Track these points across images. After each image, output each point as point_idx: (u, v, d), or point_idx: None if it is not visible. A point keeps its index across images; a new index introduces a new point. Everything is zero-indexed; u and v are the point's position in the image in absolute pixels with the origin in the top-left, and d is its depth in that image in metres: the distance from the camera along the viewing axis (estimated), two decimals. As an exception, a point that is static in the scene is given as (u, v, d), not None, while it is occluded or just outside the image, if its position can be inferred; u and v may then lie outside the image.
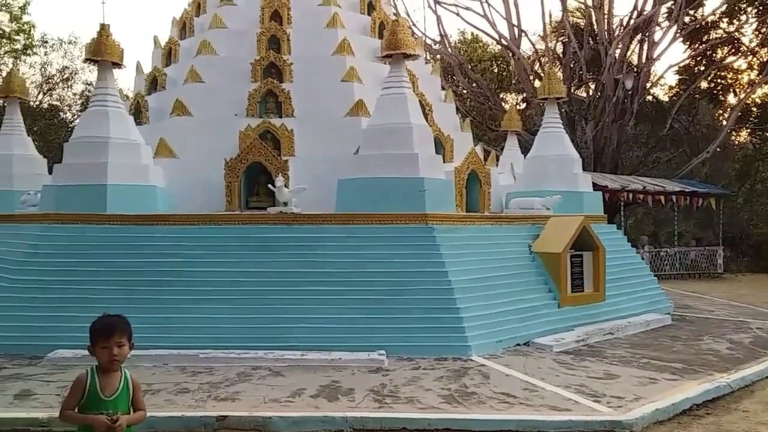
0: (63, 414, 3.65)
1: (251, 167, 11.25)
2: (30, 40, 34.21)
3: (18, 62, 33.59)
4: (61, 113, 35.27)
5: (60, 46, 35.27)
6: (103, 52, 10.29)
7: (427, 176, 9.81)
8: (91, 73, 36.58)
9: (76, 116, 36.39)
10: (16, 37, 33.99)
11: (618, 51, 26.26)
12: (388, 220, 9.57)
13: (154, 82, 14.27)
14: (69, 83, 36.07)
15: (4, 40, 33.51)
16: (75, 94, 36.51)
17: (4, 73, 33.75)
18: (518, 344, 8.96)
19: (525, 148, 16.74)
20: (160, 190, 10.67)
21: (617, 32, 27.09)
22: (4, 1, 33.27)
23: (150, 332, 8.36)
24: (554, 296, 9.94)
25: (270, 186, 10.64)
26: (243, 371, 7.69)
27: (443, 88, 16.51)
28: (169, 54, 14.76)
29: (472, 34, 38.47)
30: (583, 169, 13.62)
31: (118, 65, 10.65)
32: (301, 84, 12.96)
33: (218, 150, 11.91)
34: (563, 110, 23.60)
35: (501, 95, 35.66)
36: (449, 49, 30.67)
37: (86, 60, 10.62)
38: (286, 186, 10.53)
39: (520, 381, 7.26)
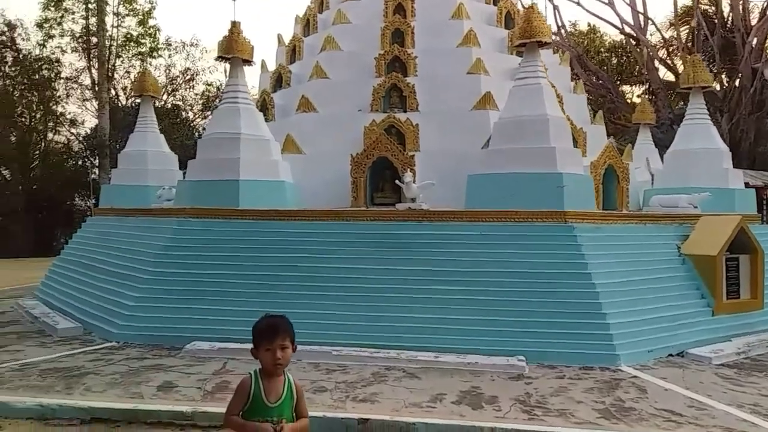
0: (228, 420, 3.45)
1: (377, 163, 11.05)
2: (155, 43, 36.03)
3: (144, 64, 35.47)
4: (183, 113, 36.91)
5: (183, 48, 36.97)
6: (234, 49, 10.40)
7: (565, 171, 9.19)
8: (210, 74, 38.21)
9: (197, 116, 38.09)
10: (143, 41, 35.89)
11: (755, 39, 24.20)
12: (523, 218, 9.02)
13: (279, 80, 14.43)
14: (191, 84, 37.74)
15: (132, 44, 35.45)
16: (196, 95, 38.20)
17: (131, 75, 36.01)
18: (671, 355, 8.18)
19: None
20: (289, 185, 10.67)
21: (753, 18, 25.00)
22: (132, 7, 35.12)
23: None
24: (707, 303, 9.03)
25: (397, 182, 10.39)
26: (377, 371, 7.44)
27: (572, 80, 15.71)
28: (293, 51, 14.88)
29: (589, 24, 36.90)
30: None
31: (248, 62, 10.74)
32: (425, 77, 12.65)
33: (343, 146, 11.83)
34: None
35: (620, 87, 33.93)
36: (567, 41, 29.46)
37: (218, 57, 10.79)
38: (414, 182, 10.24)
39: (683, 397, 6.55)
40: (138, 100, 35.15)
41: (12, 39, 32.03)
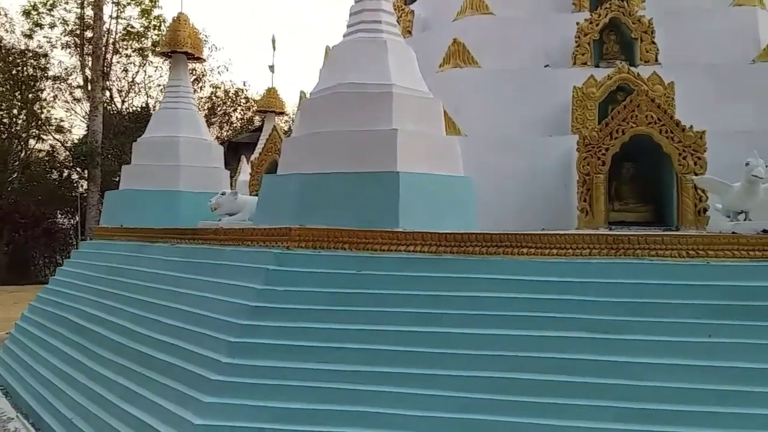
0: None
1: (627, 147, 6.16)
2: (161, 36, 31.37)
3: (145, 61, 31.06)
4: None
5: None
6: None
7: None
8: (220, 75, 33.99)
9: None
10: (147, 34, 31.32)
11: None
12: None
13: (389, 27, 9.55)
14: (199, 84, 33.24)
15: (133, 38, 30.92)
16: (201, 98, 33.67)
17: (129, 75, 31.44)
18: None
19: None
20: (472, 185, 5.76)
21: None
22: (134, -6, 30.77)
23: None
24: None
25: (694, 178, 5.52)
26: None
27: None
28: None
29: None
30: None
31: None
32: (663, 11, 7.83)
33: (527, 120, 7.07)
34: None
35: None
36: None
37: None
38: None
39: None
40: (136, 108, 31.17)
41: (-6, 29, 27.73)
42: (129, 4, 30.51)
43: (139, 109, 30.96)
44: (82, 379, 5.93)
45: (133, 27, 30.62)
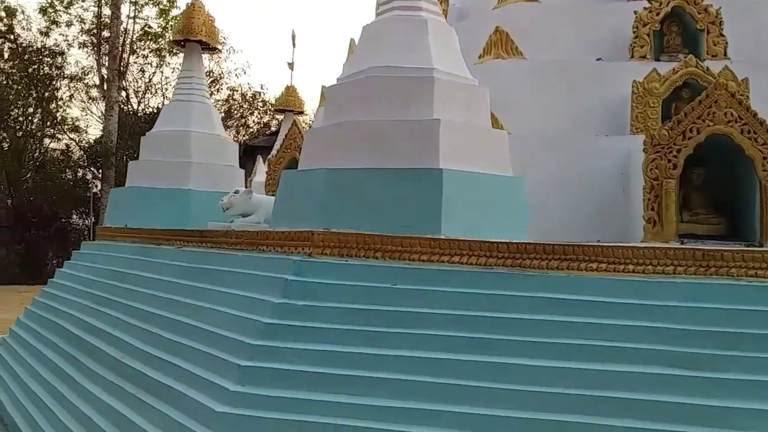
0: None
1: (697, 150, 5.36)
2: (178, 35, 30.69)
3: (162, 62, 30.47)
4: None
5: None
6: None
7: None
8: (237, 78, 33.43)
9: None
10: (165, 34, 30.70)
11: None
12: None
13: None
14: (215, 88, 32.58)
15: (149, 39, 30.26)
16: (218, 101, 33.01)
17: (146, 75, 30.81)
18: None
19: None
20: (519, 183, 4.97)
21: None
22: (153, -5, 30.15)
23: None
24: None
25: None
26: None
27: None
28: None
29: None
30: None
31: None
32: (728, 2, 7.01)
33: (577, 118, 6.27)
34: None
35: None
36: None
37: None
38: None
39: None
40: (151, 108, 30.56)
41: (10, 27, 27.28)
42: (147, 4, 29.97)
43: (155, 111, 30.36)
44: (72, 398, 5.22)
45: (150, 27, 30.10)
